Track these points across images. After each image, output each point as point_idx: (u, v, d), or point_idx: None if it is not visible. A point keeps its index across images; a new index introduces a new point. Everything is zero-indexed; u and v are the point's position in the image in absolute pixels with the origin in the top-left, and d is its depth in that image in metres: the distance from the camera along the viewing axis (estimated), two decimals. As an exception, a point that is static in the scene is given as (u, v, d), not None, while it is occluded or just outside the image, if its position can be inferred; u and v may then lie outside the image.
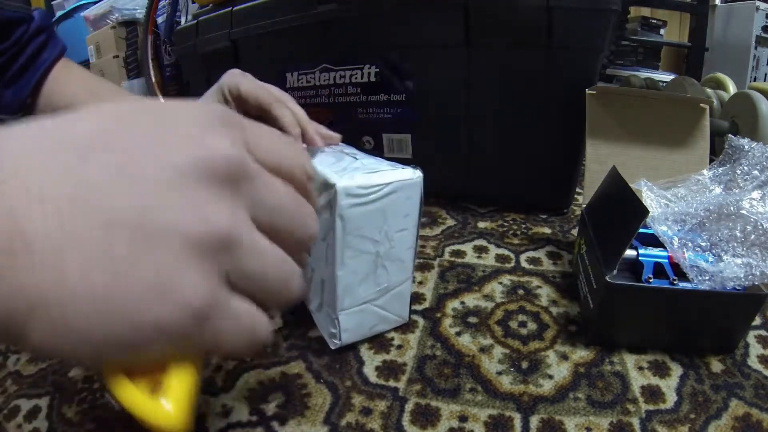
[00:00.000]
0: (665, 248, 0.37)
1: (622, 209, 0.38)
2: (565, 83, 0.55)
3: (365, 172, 0.33)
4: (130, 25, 1.45)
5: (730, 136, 0.43)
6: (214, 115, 0.17)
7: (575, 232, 0.56)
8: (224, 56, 0.78)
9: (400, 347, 0.38)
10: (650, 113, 0.52)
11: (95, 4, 1.57)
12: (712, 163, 0.46)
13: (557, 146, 0.59)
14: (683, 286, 0.35)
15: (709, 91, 0.91)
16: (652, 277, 0.36)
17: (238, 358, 0.37)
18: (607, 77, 1.45)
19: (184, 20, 1.17)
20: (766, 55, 1.51)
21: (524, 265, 0.50)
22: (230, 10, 0.76)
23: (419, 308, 0.43)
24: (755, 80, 1.50)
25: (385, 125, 0.66)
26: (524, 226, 0.60)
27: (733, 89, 0.91)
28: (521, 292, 0.45)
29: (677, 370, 0.35)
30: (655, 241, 0.38)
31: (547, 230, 0.58)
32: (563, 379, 0.34)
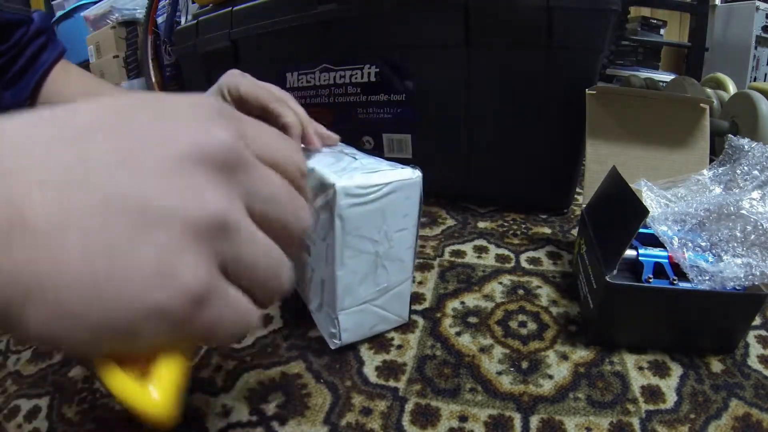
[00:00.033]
0: (665, 248, 0.37)
1: (622, 209, 0.38)
2: (565, 83, 0.55)
3: (364, 172, 0.33)
4: (130, 25, 1.45)
5: (730, 136, 0.43)
6: (212, 106, 0.17)
7: (575, 232, 0.56)
8: (224, 56, 0.78)
9: (400, 347, 0.38)
10: (650, 113, 0.52)
11: (95, 4, 1.57)
12: (712, 163, 0.46)
13: (557, 146, 0.59)
14: (683, 286, 0.35)
15: (709, 91, 0.91)
16: (652, 277, 0.36)
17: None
18: (607, 77, 1.45)
19: (184, 20, 1.17)
20: (766, 55, 1.51)
21: (524, 265, 0.50)
22: (230, 10, 0.76)
23: (419, 308, 0.43)
24: (755, 80, 1.50)
25: (385, 125, 0.66)
26: (524, 226, 0.60)
27: (733, 89, 0.91)
28: (521, 292, 0.45)
29: (677, 370, 0.35)
30: (655, 241, 0.38)
31: (547, 230, 0.58)
32: (563, 379, 0.34)
